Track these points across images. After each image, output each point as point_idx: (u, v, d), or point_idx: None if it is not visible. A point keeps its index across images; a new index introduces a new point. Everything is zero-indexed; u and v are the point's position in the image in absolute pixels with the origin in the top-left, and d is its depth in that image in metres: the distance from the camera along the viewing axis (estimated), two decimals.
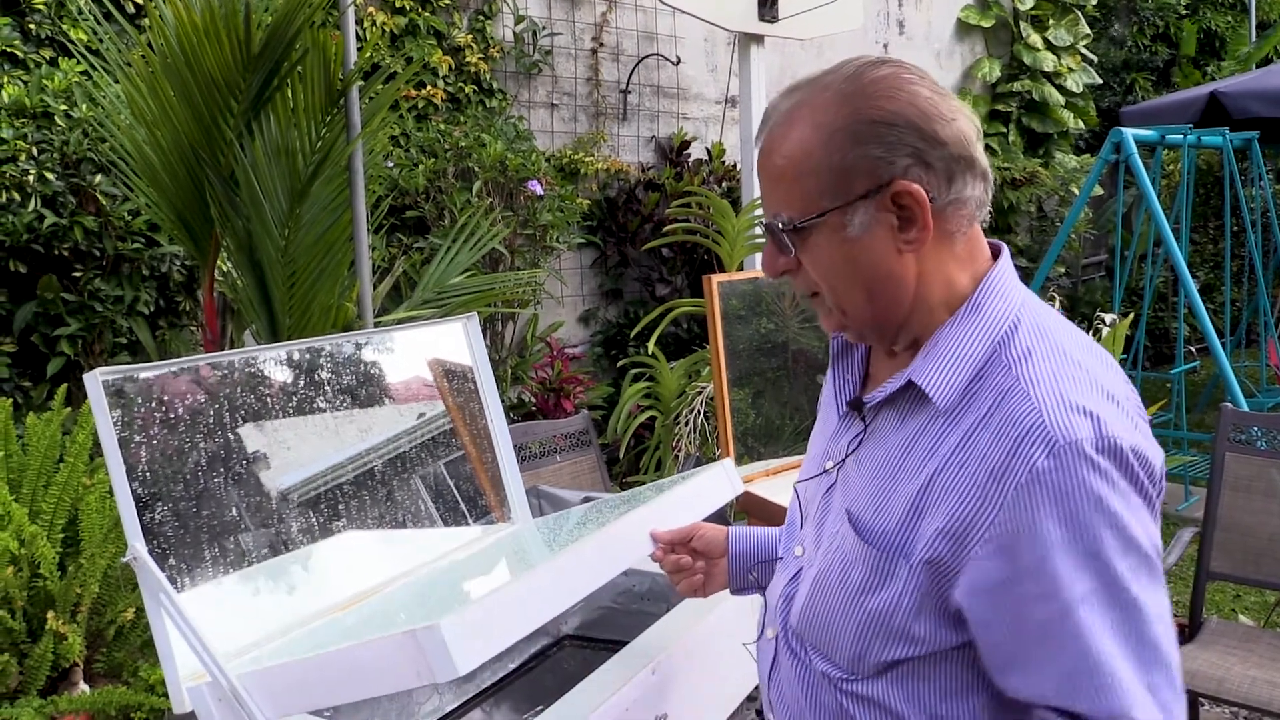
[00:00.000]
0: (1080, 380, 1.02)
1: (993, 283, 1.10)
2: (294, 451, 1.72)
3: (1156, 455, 1.02)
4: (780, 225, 1.08)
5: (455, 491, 2.01)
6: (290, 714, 1.27)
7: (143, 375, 1.48)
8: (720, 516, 1.88)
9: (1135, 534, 0.97)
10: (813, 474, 1.25)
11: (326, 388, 1.81)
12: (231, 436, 1.61)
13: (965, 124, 1.06)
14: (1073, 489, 0.96)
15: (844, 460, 1.17)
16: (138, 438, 1.44)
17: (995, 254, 1.15)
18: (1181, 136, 5.42)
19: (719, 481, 1.72)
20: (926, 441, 1.06)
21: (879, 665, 1.09)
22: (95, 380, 1.38)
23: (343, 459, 1.81)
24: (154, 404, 1.49)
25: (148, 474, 1.45)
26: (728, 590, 1.50)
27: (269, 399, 1.70)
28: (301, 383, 1.77)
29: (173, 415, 1.52)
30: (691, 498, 1.63)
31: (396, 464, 1.91)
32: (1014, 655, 1.01)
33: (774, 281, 3.29)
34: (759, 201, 4.55)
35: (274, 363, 1.73)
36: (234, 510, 1.58)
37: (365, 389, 1.89)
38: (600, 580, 1.40)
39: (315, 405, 1.78)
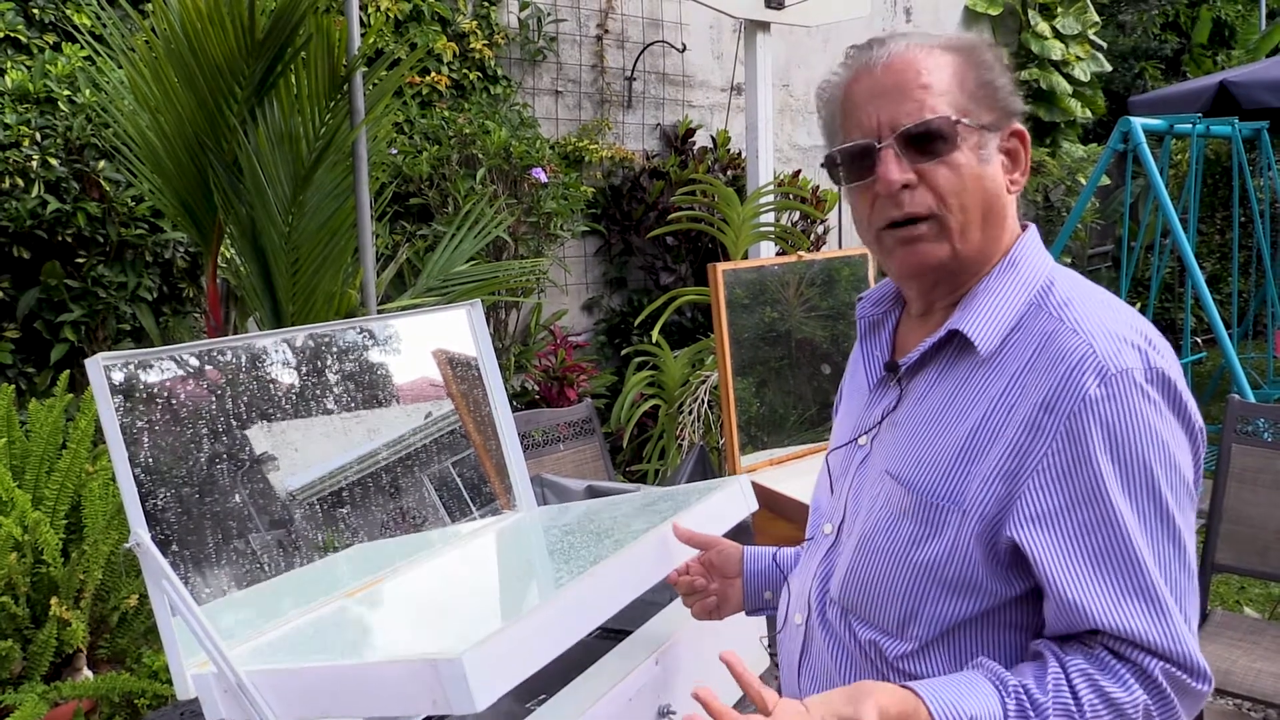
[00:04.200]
0: (1122, 321, 1.05)
1: (1026, 244, 1.14)
2: (296, 438, 1.71)
3: (1193, 402, 1.05)
4: (954, 118, 1.06)
5: (459, 480, 2.00)
6: (296, 718, 1.25)
7: (145, 361, 1.47)
8: None
9: (1181, 464, 1.00)
10: (843, 444, 1.25)
11: (329, 375, 1.80)
12: (234, 422, 1.60)
13: None
14: (1124, 417, 0.98)
15: (878, 428, 1.18)
16: (140, 424, 1.44)
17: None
18: (1190, 126, 5.39)
19: (735, 500, 1.72)
20: (969, 391, 1.08)
21: (931, 625, 1.08)
22: (97, 366, 1.37)
23: (346, 446, 1.80)
24: (156, 389, 1.48)
25: (150, 460, 1.44)
26: (742, 612, 1.49)
27: (271, 385, 1.69)
28: (304, 370, 1.76)
29: (175, 401, 1.51)
30: (707, 517, 1.62)
31: (400, 452, 1.90)
32: (1072, 582, 1.01)
33: (779, 270, 3.27)
34: (764, 189, 4.53)
35: (276, 349, 1.72)
36: (237, 495, 1.57)
37: (368, 376, 1.89)
38: (618, 605, 1.38)
39: (317, 392, 1.77)
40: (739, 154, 5.87)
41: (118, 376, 1.42)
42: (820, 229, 5.79)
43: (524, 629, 1.21)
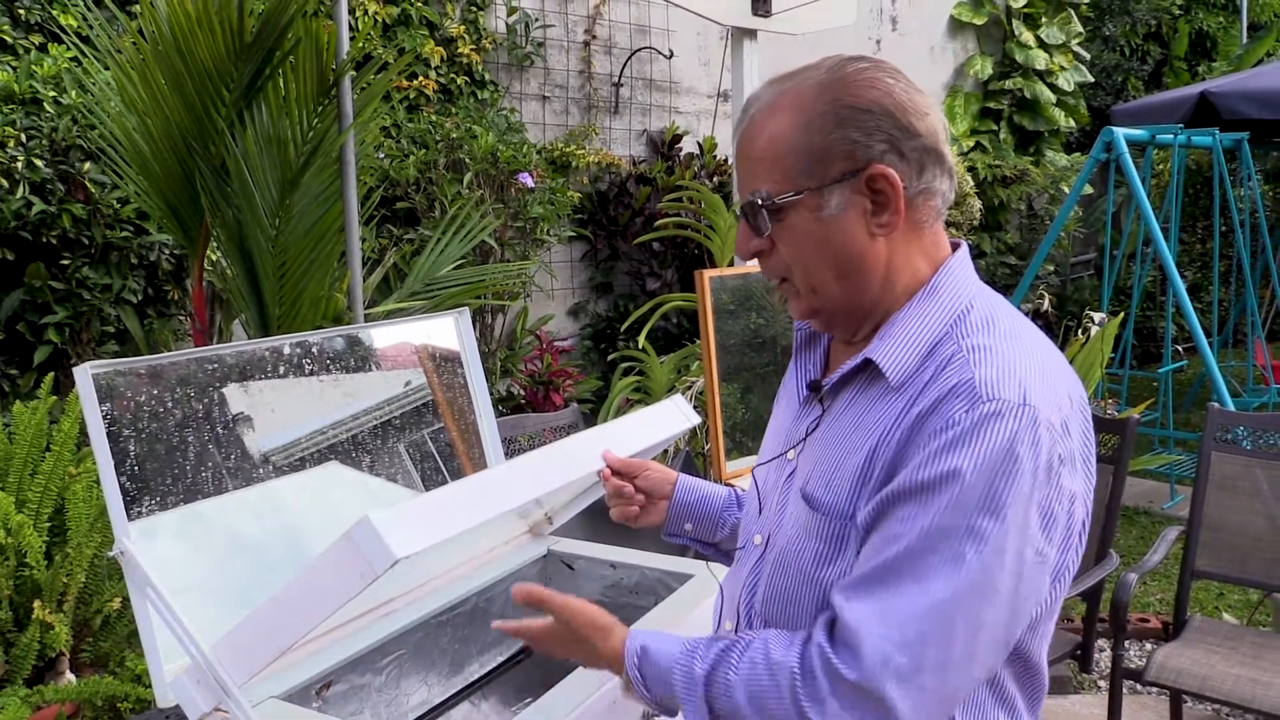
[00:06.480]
0: (1021, 355, 1.06)
1: (949, 270, 1.15)
2: (281, 429, 1.72)
3: (1069, 449, 1.04)
4: (759, 202, 1.11)
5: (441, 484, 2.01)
6: (261, 668, 1.26)
7: (131, 369, 1.47)
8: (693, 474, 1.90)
9: (1011, 509, 0.99)
10: (772, 457, 1.28)
11: (317, 382, 1.80)
12: (220, 430, 1.61)
13: (936, 121, 1.12)
14: (973, 442, 0.99)
15: (803, 444, 1.21)
16: (126, 431, 1.44)
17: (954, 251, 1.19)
18: (1172, 136, 5.44)
19: (671, 413, 1.76)
20: (875, 415, 1.10)
21: None
22: (85, 374, 1.37)
23: (331, 455, 1.80)
24: (142, 397, 1.49)
25: (135, 467, 1.45)
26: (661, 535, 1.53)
27: (257, 393, 1.69)
28: (291, 377, 1.76)
29: (161, 409, 1.51)
30: (644, 425, 1.67)
31: (382, 455, 1.91)
32: (863, 559, 1.05)
33: (765, 277, 3.29)
34: None
35: (263, 357, 1.72)
36: (222, 503, 1.58)
37: (356, 383, 1.89)
38: (545, 488, 1.42)
39: (304, 399, 1.78)
40: (725, 160, 5.89)
41: (105, 385, 1.42)
42: None
43: (433, 500, 1.25)
